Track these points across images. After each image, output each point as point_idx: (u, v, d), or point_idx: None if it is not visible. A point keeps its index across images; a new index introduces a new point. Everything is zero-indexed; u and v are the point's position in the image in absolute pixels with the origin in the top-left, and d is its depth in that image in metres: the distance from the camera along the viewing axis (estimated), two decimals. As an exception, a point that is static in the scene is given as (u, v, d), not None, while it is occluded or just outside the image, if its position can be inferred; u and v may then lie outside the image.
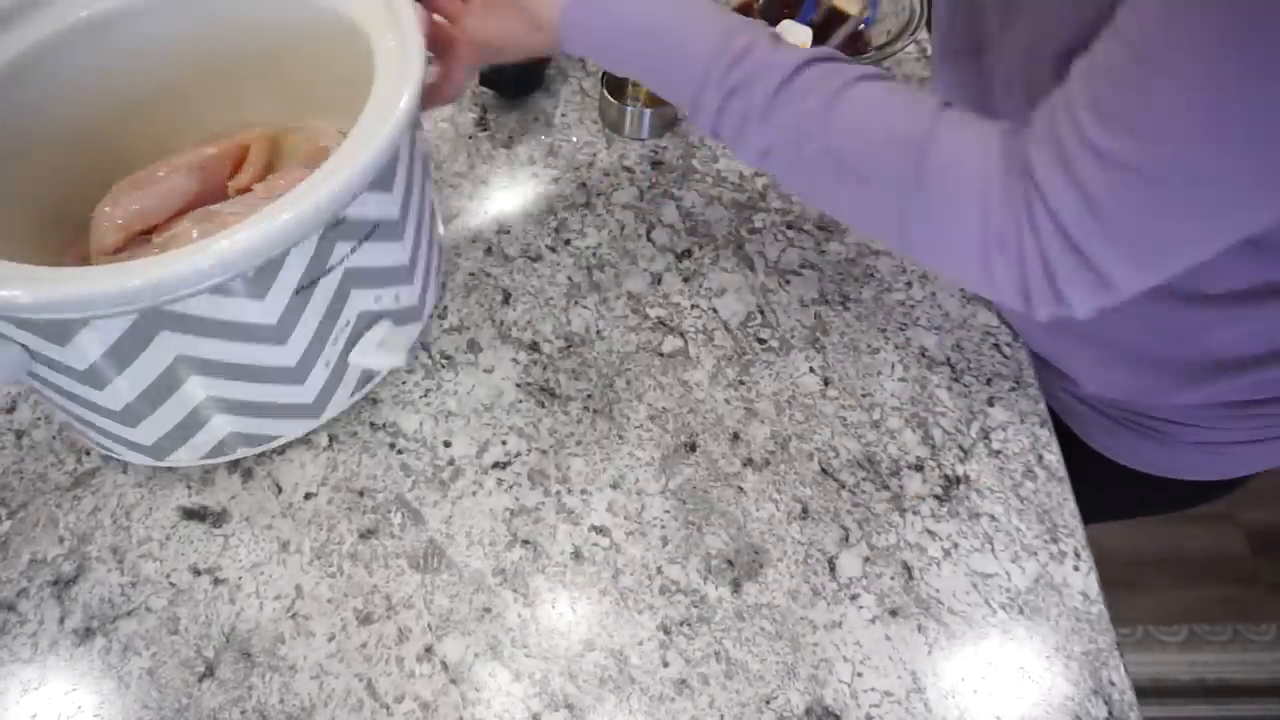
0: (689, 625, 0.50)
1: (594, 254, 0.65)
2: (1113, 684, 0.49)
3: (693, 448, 0.56)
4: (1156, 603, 1.42)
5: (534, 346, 0.60)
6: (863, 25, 0.76)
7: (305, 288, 0.45)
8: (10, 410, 0.55)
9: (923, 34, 0.81)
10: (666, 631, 0.49)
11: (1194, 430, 0.63)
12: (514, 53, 0.54)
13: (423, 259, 0.54)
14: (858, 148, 0.46)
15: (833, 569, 0.52)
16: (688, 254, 0.65)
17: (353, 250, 0.47)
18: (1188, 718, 1.33)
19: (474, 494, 0.54)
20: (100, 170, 0.54)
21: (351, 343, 0.51)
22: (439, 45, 0.55)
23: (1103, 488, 0.69)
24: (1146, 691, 1.34)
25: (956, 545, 0.54)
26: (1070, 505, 0.56)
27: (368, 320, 0.51)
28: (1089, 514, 0.62)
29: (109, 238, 0.51)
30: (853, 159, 0.46)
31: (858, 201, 0.47)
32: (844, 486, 0.55)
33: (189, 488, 0.53)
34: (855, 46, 0.75)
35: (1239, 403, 0.60)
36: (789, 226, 0.67)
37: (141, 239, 0.53)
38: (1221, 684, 1.35)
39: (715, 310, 0.62)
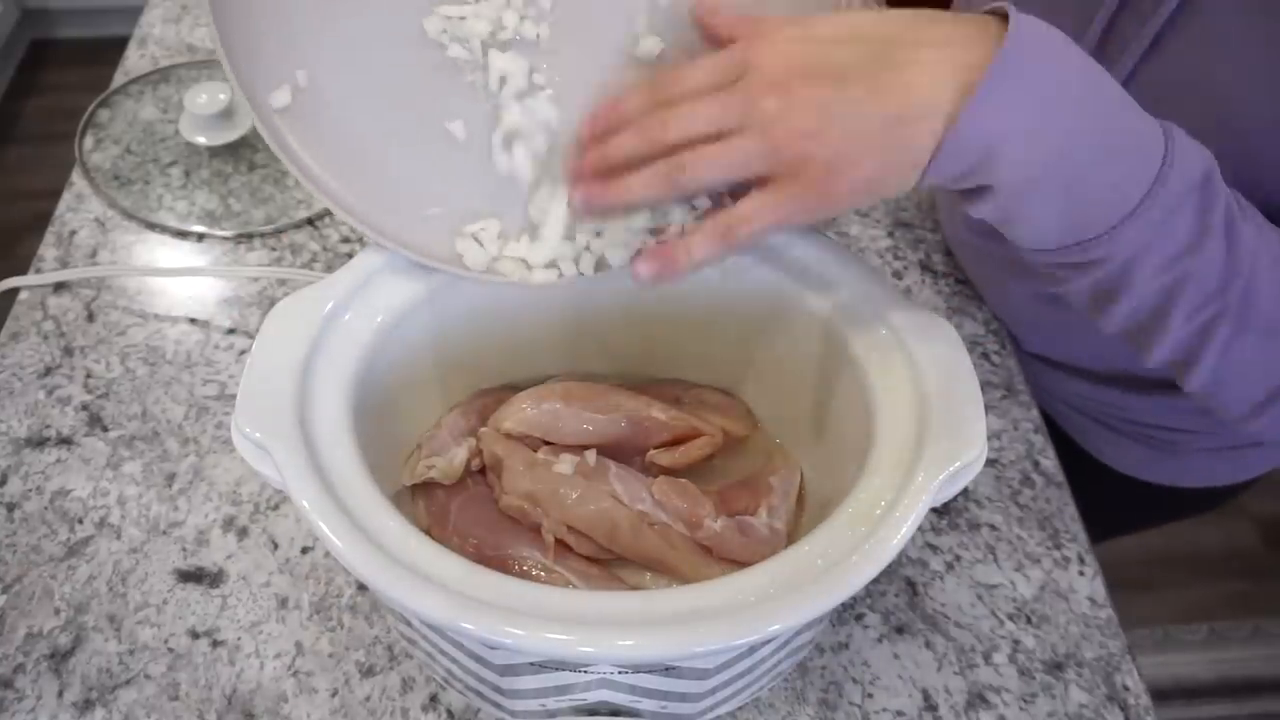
0: (694, 657, 0.49)
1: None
2: (1127, 689, 0.49)
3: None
4: (1174, 602, 1.41)
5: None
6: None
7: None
8: (1, 483, 0.55)
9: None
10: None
11: (1200, 437, 0.63)
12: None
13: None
14: (1273, 298, 0.40)
15: (836, 590, 0.51)
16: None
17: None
18: (1213, 718, 1.31)
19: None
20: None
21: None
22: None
23: (1113, 502, 0.69)
24: (1170, 693, 1.32)
25: (959, 558, 0.53)
26: (1071, 510, 0.56)
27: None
28: (1102, 532, 0.62)
29: (507, 424, 0.48)
30: (1266, 309, 0.40)
31: (1247, 352, 0.41)
32: (842, 506, 0.54)
33: (184, 550, 0.53)
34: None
35: None
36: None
37: (523, 441, 0.49)
38: (1246, 681, 1.34)
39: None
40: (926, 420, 0.40)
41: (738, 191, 0.40)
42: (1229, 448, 0.64)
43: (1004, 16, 0.36)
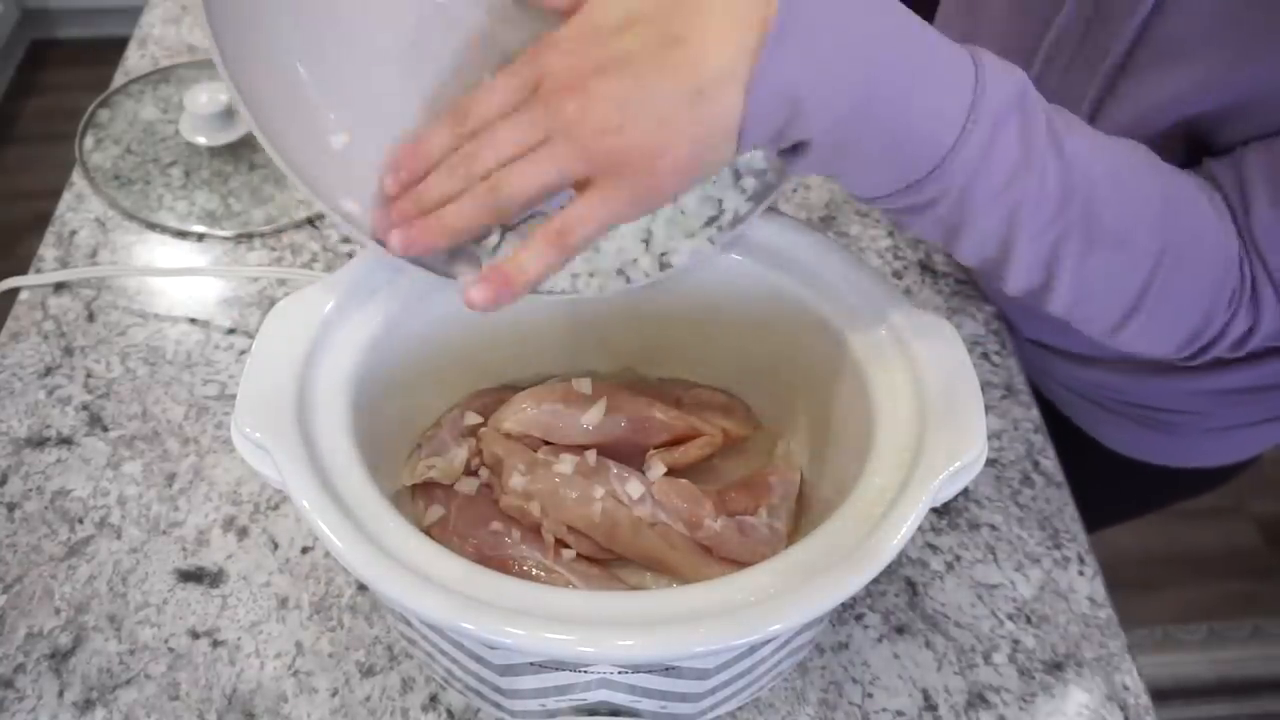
0: (694, 657, 0.49)
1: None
2: (1126, 688, 0.49)
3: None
4: (1174, 602, 1.41)
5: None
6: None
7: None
8: (1, 483, 0.55)
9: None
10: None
11: (1199, 418, 0.63)
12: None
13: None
14: (1114, 209, 0.40)
15: (836, 590, 0.51)
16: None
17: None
18: (1213, 718, 1.31)
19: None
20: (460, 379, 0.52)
21: None
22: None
23: (1113, 485, 0.69)
24: (1170, 693, 1.32)
25: (959, 558, 0.53)
26: (1070, 510, 0.56)
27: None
28: (1101, 518, 0.62)
29: (507, 424, 0.48)
30: (1109, 221, 0.40)
31: (1099, 268, 0.41)
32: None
33: (184, 550, 0.53)
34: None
35: (1242, 390, 0.60)
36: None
37: (524, 441, 0.49)
38: (1246, 681, 1.34)
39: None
40: (926, 420, 0.40)
41: None
42: (1229, 428, 0.64)
43: None
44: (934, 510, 0.54)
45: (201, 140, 0.72)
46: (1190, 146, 0.47)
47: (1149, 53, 0.46)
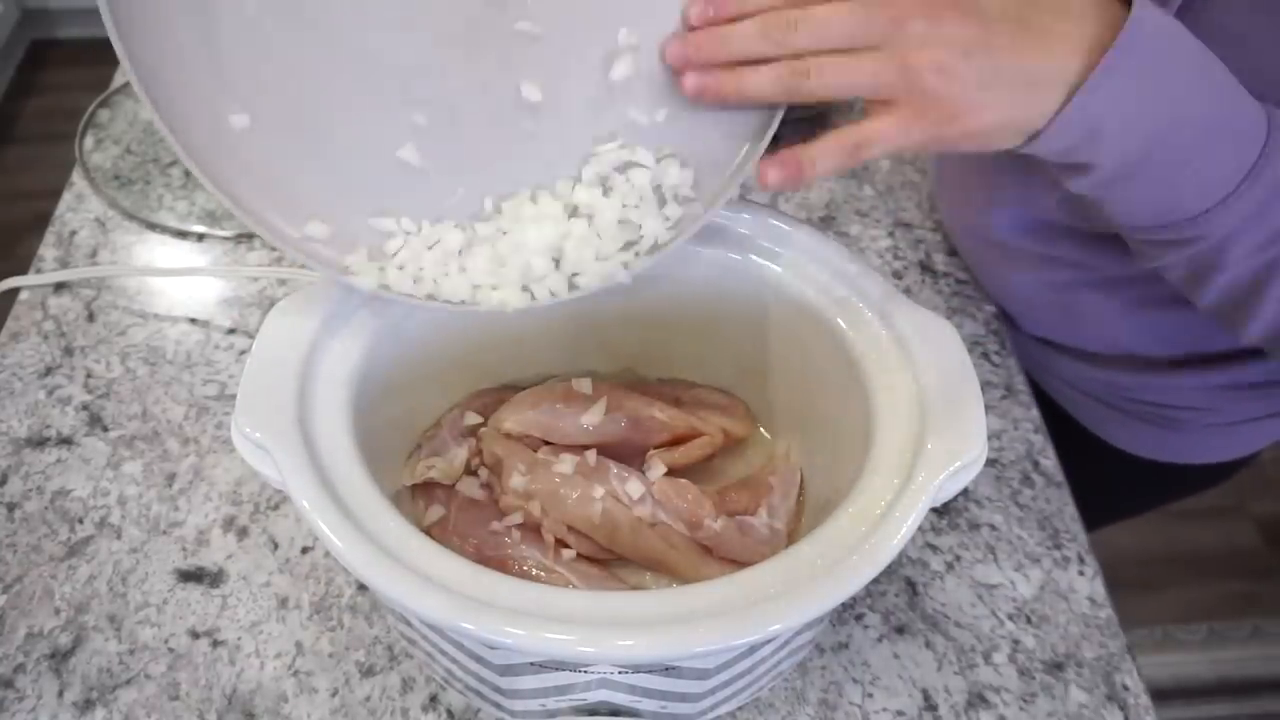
0: (694, 657, 0.49)
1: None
2: (1126, 688, 0.49)
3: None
4: (1174, 602, 1.41)
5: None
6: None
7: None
8: (1, 483, 0.55)
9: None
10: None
11: (1204, 414, 0.63)
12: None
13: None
14: None
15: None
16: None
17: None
18: (1213, 718, 1.31)
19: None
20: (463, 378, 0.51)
21: None
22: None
23: (1115, 482, 0.69)
24: (1170, 693, 1.32)
25: (959, 558, 0.53)
26: (1070, 510, 0.56)
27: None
28: (1102, 515, 0.62)
29: (507, 424, 0.48)
30: None
31: None
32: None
33: (184, 550, 0.53)
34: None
35: (1249, 385, 0.60)
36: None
37: (524, 441, 0.49)
38: (1246, 681, 1.34)
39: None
40: (926, 420, 0.40)
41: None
42: (1234, 423, 0.64)
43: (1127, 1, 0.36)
44: (934, 510, 0.54)
45: (201, 140, 0.72)
46: None
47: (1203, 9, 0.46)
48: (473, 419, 0.50)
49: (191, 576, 0.52)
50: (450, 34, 0.41)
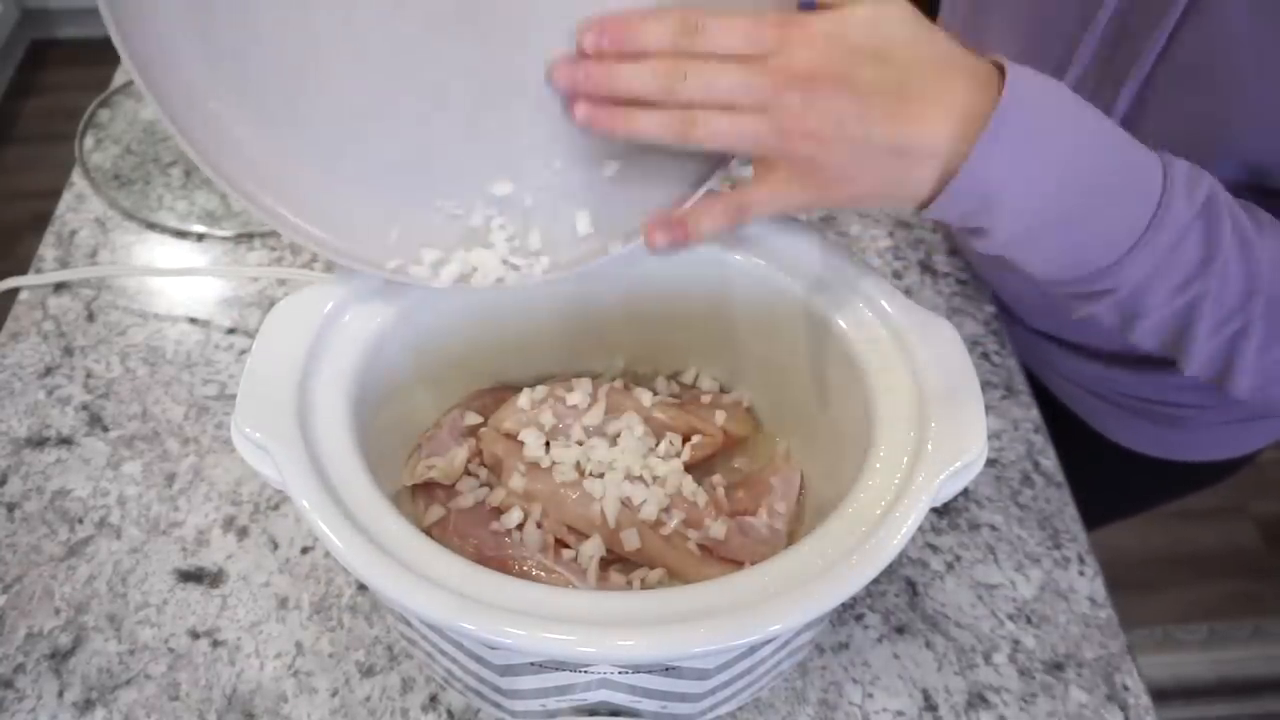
0: (695, 657, 0.49)
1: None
2: (1127, 689, 0.49)
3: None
4: (1174, 602, 1.41)
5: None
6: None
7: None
8: (1, 483, 0.55)
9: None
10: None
11: (1207, 411, 0.63)
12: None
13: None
14: None
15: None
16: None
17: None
18: (1214, 718, 1.31)
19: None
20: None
21: None
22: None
23: (1116, 480, 0.69)
24: (1170, 693, 1.32)
25: (959, 558, 0.53)
26: (1071, 510, 0.56)
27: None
28: (1103, 513, 0.61)
29: (507, 424, 0.48)
30: None
31: (1275, 359, 0.41)
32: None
33: (184, 550, 0.53)
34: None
35: None
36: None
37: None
38: (1246, 681, 1.34)
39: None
40: (926, 420, 0.40)
41: None
42: (1235, 421, 0.64)
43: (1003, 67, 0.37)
44: (934, 510, 0.54)
45: (201, 140, 0.72)
46: (1245, 120, 0.46)
47: (1174, 68, 0.46)
48: (473, 419, 0.50)
49: (191, 576, 0.52)
50: (441, 14, 0.41)
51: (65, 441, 0.57)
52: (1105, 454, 0.68)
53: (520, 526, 0.46)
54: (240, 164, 0.41)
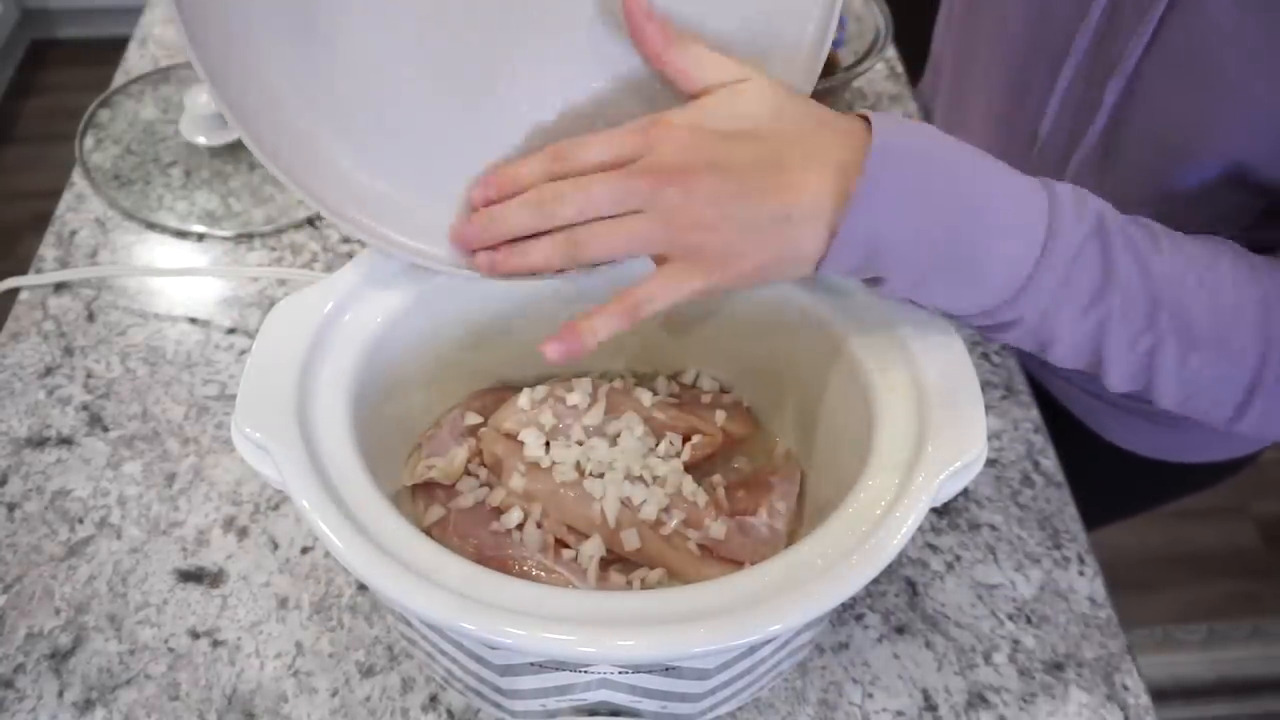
0: (694, 657, 0.49)
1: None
2: (1126, 688, 0.49)
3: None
4: (1173, 602, 1.41)
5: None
6: (832, 47, 0.77)
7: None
8: (1, 483, 0.55)
9: (890, 51, 0.82)
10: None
11: None
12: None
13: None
14: (1209, 314, 0.40)
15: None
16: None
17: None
18: (1213, 718, 1.31)
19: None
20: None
21: None
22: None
23: (1116, 481, 0.69)
24: (1170, 693, 1.32)
25: (959, 558, 0.53)
26: (1070, 510, 0.56)
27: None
28: (1102, 514, 0.61)
29: (507, 424, 0.48)
30: (1204, 326, 0.40)
31: (1203, 370, 0.41)
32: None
33: (184, 550, 0.53)
34: (825, 68, 0.76)
35: None
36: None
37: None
38: (1246, 681, 1.34)
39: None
40: (926, 420, 0.40)
41: None
42: None
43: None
44: (934, 510, 0.54)
45: (201, 140, 0.72)
46: (1233, 112, 0.46)
47: (1161, 61, 0.46)
48: (473, 419, 0.50)
49: (191, 576, 0.52)
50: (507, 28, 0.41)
51: (65, 441, 0.57)
52: (1104, 455, 0.68)
53: (520, 526, 0.46)
54: (333, 185, 0.42)
